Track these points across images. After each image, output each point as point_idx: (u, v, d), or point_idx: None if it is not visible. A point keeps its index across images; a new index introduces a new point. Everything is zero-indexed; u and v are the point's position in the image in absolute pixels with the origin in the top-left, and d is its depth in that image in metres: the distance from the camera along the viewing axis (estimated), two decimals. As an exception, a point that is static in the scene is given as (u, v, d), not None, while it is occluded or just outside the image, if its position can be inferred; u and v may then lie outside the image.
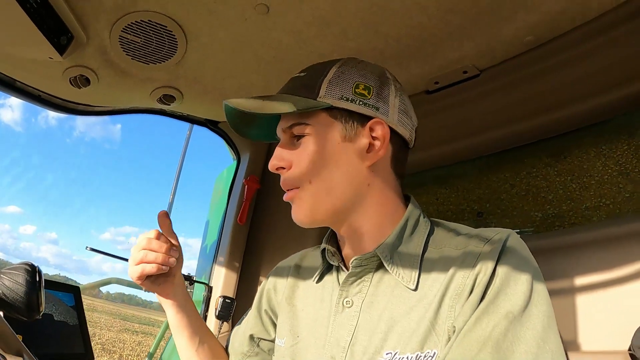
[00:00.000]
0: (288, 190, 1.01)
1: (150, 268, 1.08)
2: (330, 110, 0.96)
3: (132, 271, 1.10)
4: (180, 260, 1.19)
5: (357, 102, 0.95)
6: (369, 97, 0.97)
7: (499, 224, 1.71)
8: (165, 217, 1.15)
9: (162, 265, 1.09)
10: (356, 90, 0.96)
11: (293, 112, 0.94)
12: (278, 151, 1.00)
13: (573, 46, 1.49)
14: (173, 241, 1.15)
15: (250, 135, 1.12)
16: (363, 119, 0.97)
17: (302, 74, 1.02)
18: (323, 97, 0.95)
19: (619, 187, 1.45)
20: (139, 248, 1.10)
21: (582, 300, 1.29)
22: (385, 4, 1.41)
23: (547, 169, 1.64)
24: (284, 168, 0.99)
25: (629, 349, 1.10)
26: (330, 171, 0.96)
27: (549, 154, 1.64)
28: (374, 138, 0.97)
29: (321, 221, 1.00)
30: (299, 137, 0.98)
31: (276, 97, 0.97)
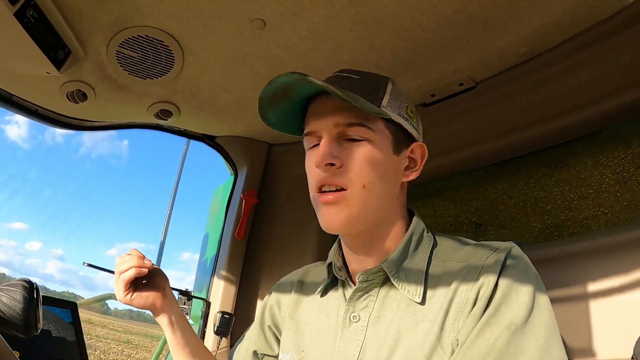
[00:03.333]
0: (326, 190, 0.95)
1: (129, 273, 1.13)
2: (387, 121, 0.97)
3: (118, 293, 1.17)
4: (163, 275, 1.23)
5: (409, 122, 1.01)
6: (414, 119, 1.03)
7: (497, 235, 1.71)
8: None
9: (139, 267, 1.13)
10: (406, 110, 1.01)
11: (360, 110, 0.92)
12: (329, 147, 0.94)
13: (567, 57, 1.51)
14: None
15: (269, 118, 1.04)
16: (409, 139, 1.02)
17: (356, 76, 1.01)
18: (385, 107, 0.96)
19: (617, 196, 1.45)
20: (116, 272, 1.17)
21: (584, 310, 1.29)
22: (380, 18, 1.42)
23: (544, 180, 1.64)
24: (334, 165, 0.94)
25: (632, 358, 1.09)
26: (380, 180, 0.95)
27: (546, 164, 1.64)
28: (410, 158, 1.02)
29: (355, 229, 0.97)
30: (354, 138, 0.95)
31: (349, 92, 0.93)
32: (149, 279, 1.20)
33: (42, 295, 1.26)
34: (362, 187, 0.93)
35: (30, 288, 1.16)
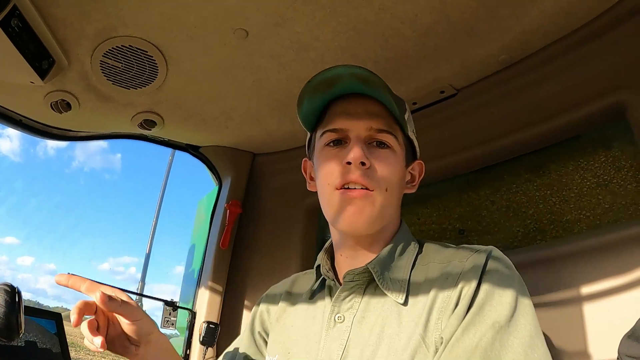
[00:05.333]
0: (351, 187, 0.96)
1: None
2: (404, 135, 1.04)
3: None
4: (145, 324, 0.97)
5: (416, 141, 1.09)
6: (416, 140, 1.11)
7: (480, 241, 1.72)
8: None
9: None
10: (413, 131, 1.09)
11: (389, 118, 1.00)
12: (361, 146, 0.97)
13: (547, 63, 1.54)
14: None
15: (303, 106, 1.05)
16: (414, 156, 1.11)
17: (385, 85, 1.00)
18: (406, 122, 1.03)
19: (598, 199, 1.47)
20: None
21: (568, 312, 1.30)
22: (361, 27, 1.44)
23: (526, 185, 1.66)
24: (364, 165, 0.96)
25: (617, 358, 1.10)
26: (396, 187, 1.01)
27: (528, 170, 1.66)
28: (410, 174, 1.10)
29: (373, 229, 1.00)
30: (380, 144, 1.00)
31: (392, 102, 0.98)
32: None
33: (26, 306, 1.23)
34: (385, 191, 0.97)
35: (11, 292, 1.13)
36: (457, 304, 0.85)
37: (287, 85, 1.71)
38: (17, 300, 1.14)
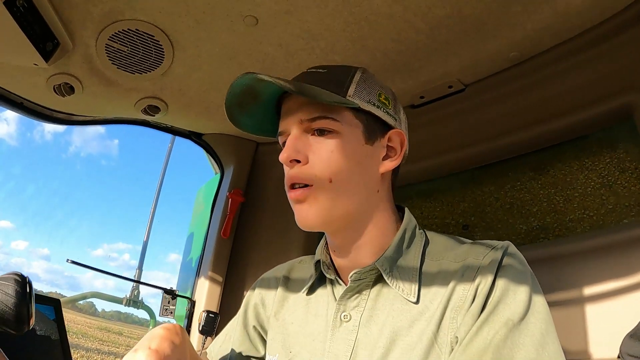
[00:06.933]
0: (296, 187, 0.93)
1: None
2: (356, 111, 0.94)
3: None
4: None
5: (382, 109, 0.96)
6: (389, 107, 0.99)
7: (483, 237, 1.72)
8: None
9: None
10: (379, 98, 0.97)
11: (323, 104, 0.90)
12: (292, 142, 0.92)
13: (556, 62, 1.53)
14: None
15: (242, 123, 1.02)
16: (384, 127, 0.97)
17: (322, 70, 0.99)
18: (352, 97, 0.93)
19: (602, 199, 1.48)
20: None
21: (570, 310, 1.30)
22: (373, 19, 1.42)
23: (531, 182, 1.66)
24: (298, 161, 0.91)
25: (618, 356, 1.11)
26: (351, 172, 0.92)
27: (532, 168, 1.66)
28: (389, 147, 0.98)
29: (332, 225, 0.94)
30: (320, 132, 0.93)
31: (304, 85, 0.90)
32: None
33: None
34: (328, 182, 0.90)
35: (22, 282, 1.10)
36: (472, 303, 0.83)
37: (294, 74, 1.65)
38: (27, 290, 1.10)
